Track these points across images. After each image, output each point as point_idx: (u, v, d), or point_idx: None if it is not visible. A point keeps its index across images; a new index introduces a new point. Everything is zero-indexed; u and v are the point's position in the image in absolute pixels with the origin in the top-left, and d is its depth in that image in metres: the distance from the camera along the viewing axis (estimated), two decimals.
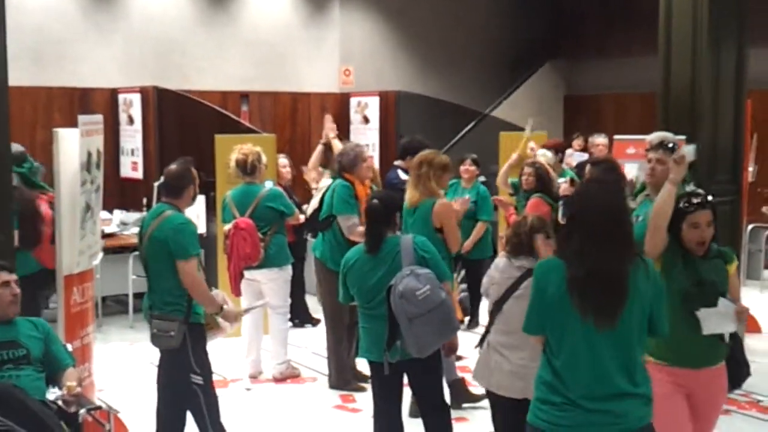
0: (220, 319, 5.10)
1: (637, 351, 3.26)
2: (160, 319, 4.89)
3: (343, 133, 12.48)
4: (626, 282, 3.20)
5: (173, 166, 5.02)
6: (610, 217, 3.23)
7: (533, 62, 14.48)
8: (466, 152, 8.71)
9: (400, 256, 4.61)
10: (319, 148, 7.38)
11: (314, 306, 9.43)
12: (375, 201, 4.79)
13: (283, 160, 8.44)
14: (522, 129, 9.25)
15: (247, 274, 6.75)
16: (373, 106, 12.35)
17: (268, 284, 6.84)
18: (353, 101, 12.64)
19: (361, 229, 5.76)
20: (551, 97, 14.53)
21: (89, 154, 5.48)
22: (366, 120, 12.41)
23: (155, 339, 4.95)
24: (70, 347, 4.88)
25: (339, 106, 12.86)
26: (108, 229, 8.83)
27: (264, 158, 6.90)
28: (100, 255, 6.17)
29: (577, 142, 10.08)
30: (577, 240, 3.24)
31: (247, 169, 6.80)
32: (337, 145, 7.06)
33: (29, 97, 10.59)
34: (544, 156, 8.01)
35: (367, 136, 12.28)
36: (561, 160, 8.38)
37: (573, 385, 3.22)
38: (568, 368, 3.23)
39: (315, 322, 8.97)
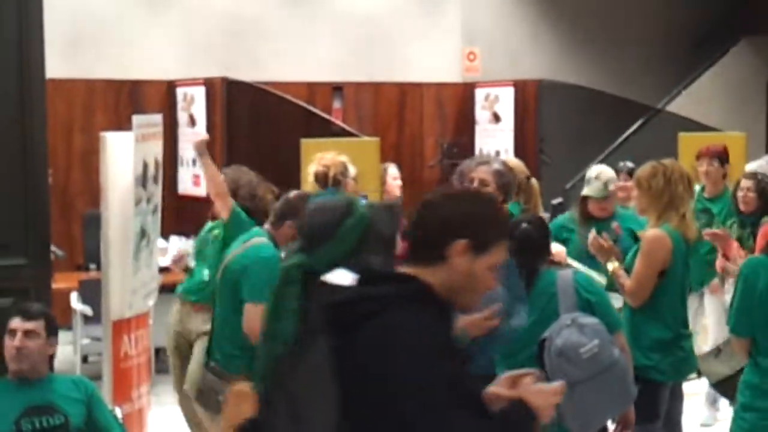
0: None
1: None
2: (214, 374, 5.00)
3: (467, 134, 12.53)
4: None
5: (295, 191, 5.22)
6: None
7: (723, 40, 14.20)
8: (627, 159, 8.54)
9: (557, 299, 4.56)
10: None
11: None
12: (525, 224, 4.78)
13: (393, 170, 8.52)
14: (710, 128, 9.05)
15: None
16: (505, 100, 12.31)
17: None
18: (479, 93, 12.62)
19: None
20: (749, 86, 14.20)
21: (145, 165, 5.62)
22: (496, 118, 12.38)
23: (201, 398, 5.07)
24: (119, 412, 4.99)
25: (461, 100, 12.87)
26: (163, 261, 9.01)
27: (352, 170, 6.94)
28: (155, 295, 6.31)
29: None
30: None
31: (329, 185, 6.85)
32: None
33: (64, 93, 10.94)
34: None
35: (497, 138, 12.25)
36: (724, 176, 8.04)
37: None
38: None
39: None
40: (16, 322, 4.55)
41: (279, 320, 3.20)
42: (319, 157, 6.94)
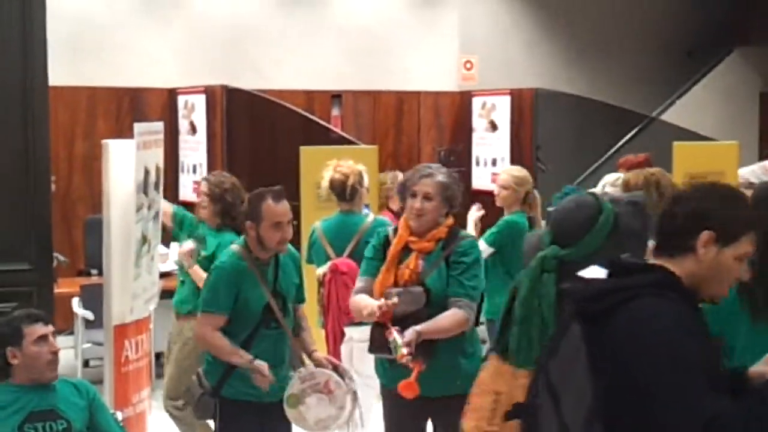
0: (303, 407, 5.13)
1: None
2: (197, 379, 5.05)
3: (464, 142, 12.55)
4: None
5: (256, 191, 5.08)
6: None
7: (716, 50, 14.24)
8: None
9: None
10: None
11: None
12: None
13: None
14: (704, 137, 9.08)
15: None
16: (502, 109, 12.32)
17: (364, 345, 6.74)
18: (476, 102, 12.64)
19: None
20: (742, 96, 14.24)
21: (146, 172, 5.64)
22: (493, 126, 12.40)
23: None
24: (120, 416, 5.00)
25: (458, 108, 12.89)
26: (163, 267, 9.02)
27: (366, 180, 6.89)
28: (156, 300, 6.33)
29: None
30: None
31: (346, 194, 6.74)
32: None
33: (66, 100, 10.95)
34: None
35: (494, 147, 12.26)
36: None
37: None
38: None
39: None
40: (40, 328, 4.51)
41: (534, 304, 3.36)
42: (335, 164, 6.80)
